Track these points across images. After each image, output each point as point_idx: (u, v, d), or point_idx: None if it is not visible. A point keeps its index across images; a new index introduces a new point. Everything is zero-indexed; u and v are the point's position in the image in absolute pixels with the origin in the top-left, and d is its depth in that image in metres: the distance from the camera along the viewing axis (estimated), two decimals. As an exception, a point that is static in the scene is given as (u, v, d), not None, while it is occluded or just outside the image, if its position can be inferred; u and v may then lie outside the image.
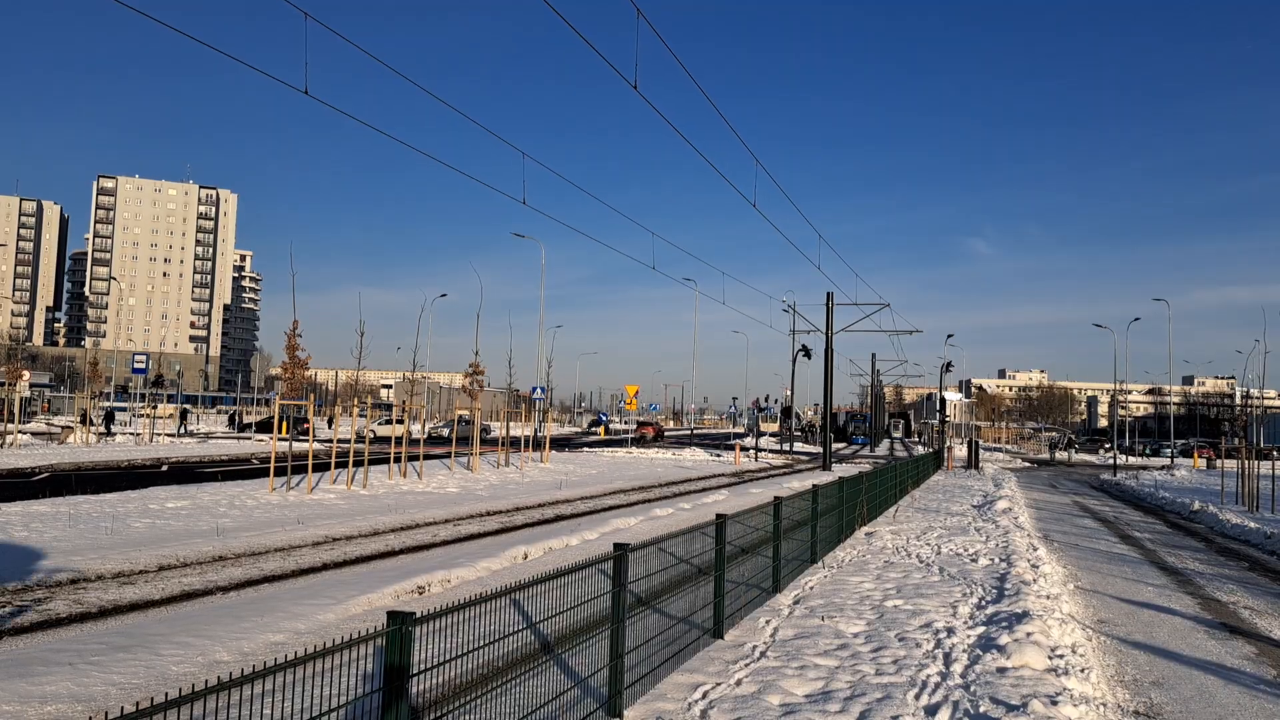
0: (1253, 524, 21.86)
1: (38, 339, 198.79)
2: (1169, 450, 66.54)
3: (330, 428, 60.63)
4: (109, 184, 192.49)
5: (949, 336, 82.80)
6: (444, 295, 72.55)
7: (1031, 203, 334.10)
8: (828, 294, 44.64)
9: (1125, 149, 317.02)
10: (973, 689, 7.47)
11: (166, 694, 3.71)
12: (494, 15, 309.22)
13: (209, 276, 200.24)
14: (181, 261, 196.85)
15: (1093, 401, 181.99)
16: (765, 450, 61.57)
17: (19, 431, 38.58)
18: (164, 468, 29.69)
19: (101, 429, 49.01)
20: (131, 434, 50.31)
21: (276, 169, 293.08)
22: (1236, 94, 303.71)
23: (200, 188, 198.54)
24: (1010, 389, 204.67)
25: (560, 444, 60.24)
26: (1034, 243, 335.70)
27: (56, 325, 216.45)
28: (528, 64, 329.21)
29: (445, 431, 60.74)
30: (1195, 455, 64.45)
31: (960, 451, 57.97)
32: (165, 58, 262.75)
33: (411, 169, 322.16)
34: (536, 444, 44.13)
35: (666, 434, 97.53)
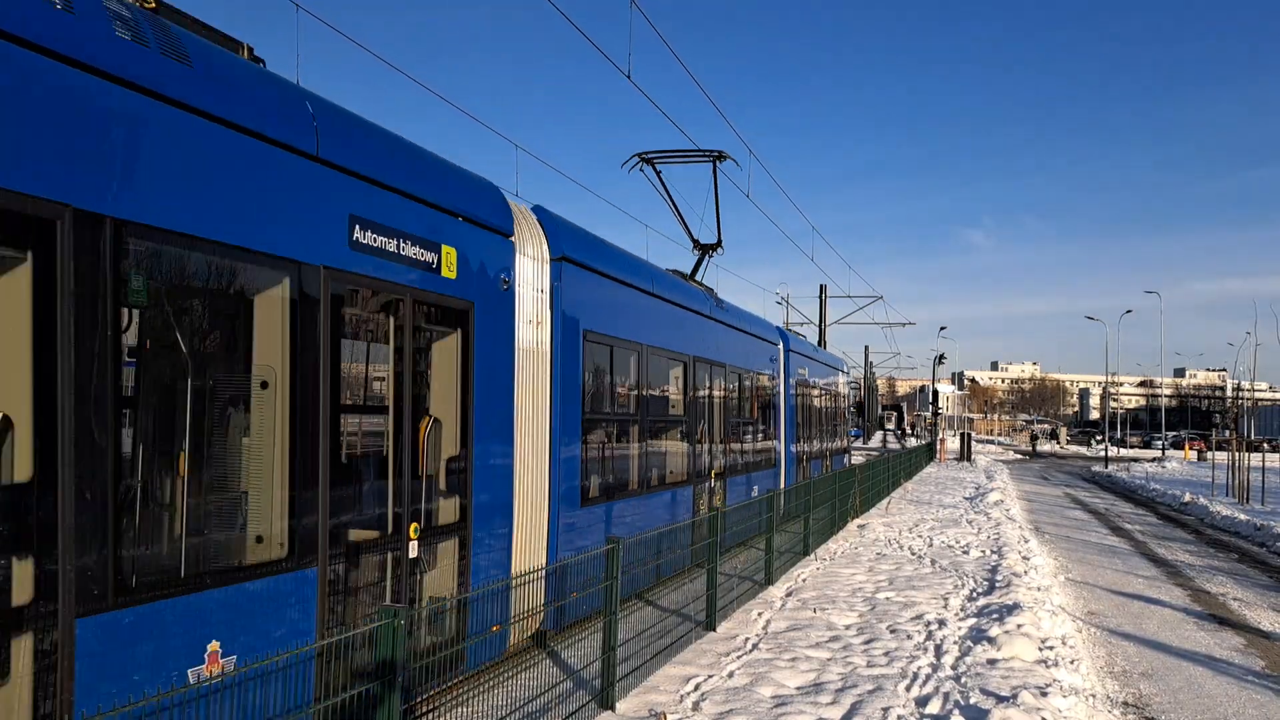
0: (1243, 516, 21.96)
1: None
2: (1160, 442, 66.74)
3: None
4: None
5: (942, 329, 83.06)
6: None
7: (1030, 194, 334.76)
8: (821, 286, 44.59)
9: (1125, 141, 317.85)
10: (963, 680, 7.52)
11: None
12: (485, 4, 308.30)
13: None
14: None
15: (1085, 394, 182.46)
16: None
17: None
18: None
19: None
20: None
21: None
22: (1234, 88, 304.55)
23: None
24: (1003, 381, 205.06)
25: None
26: (1031, 234, 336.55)
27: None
28: (520, 53, 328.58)
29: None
30: (1186, 447, 64.65)
31: (953, 444, 58.12)
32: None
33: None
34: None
35: None
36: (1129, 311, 67.67)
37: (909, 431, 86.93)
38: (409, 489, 6.29)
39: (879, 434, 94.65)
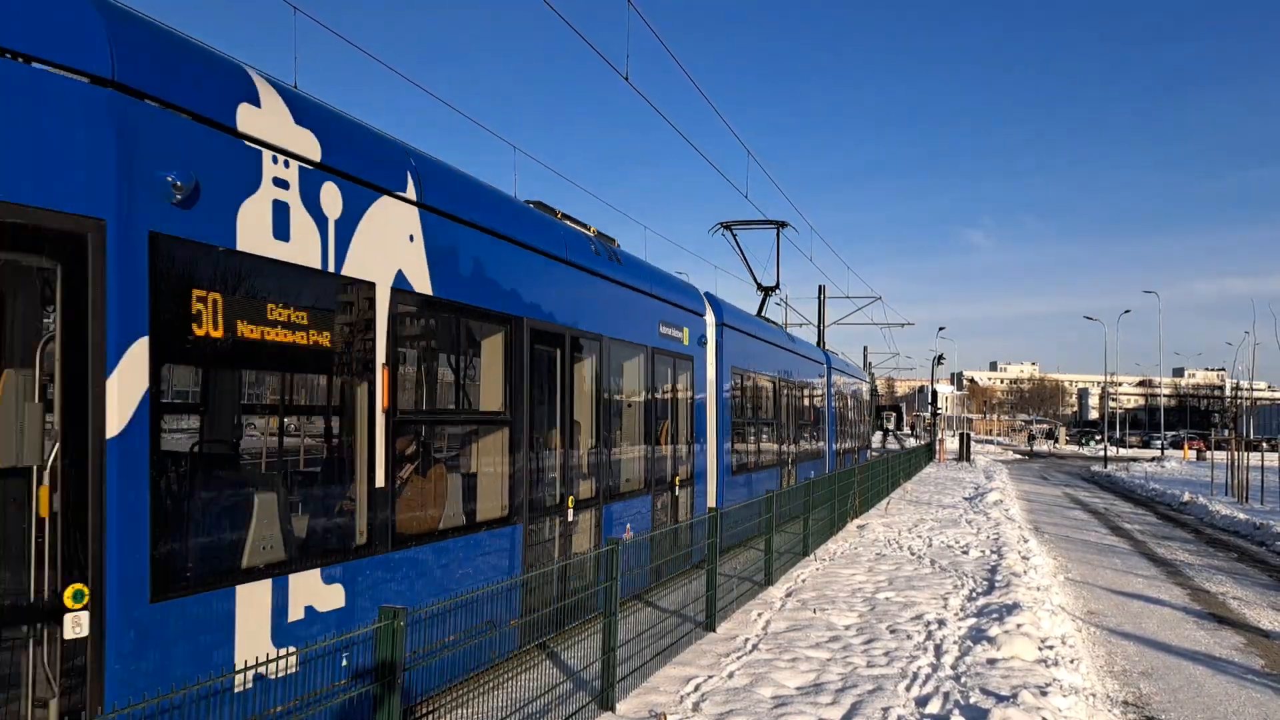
0: (1242, 515, 21.96)
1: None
2: (1159, 442, 66.70)
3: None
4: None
5: (940, 329, 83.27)
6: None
7: (1030, 194, 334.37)
8: (820, 287, 44.51)
9: (1125, 141, 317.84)
10: (963, 680, 7.52)
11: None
12: (483, 6, 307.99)
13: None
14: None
15: (1084, 394, 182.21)
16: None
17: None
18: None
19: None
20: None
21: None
22: (1234, 88, 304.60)
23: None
24: (1002, 381, 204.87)
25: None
26: (1031, 234, 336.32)
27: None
28: (517, 56, 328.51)
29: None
30: (1185, 447, 64.61)
31: (952, 444, 58.12)
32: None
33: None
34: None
35: None
36: (1128, 311, 67.75)
37: (909, 432, 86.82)
38: (674, 459, 11.88)
39: (879, 434, 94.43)
